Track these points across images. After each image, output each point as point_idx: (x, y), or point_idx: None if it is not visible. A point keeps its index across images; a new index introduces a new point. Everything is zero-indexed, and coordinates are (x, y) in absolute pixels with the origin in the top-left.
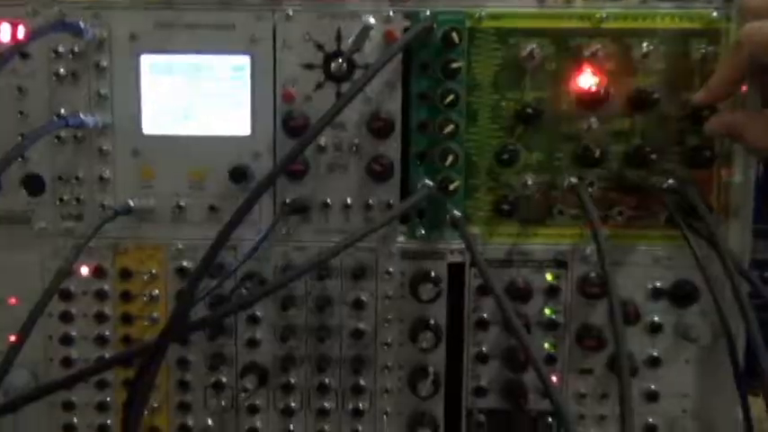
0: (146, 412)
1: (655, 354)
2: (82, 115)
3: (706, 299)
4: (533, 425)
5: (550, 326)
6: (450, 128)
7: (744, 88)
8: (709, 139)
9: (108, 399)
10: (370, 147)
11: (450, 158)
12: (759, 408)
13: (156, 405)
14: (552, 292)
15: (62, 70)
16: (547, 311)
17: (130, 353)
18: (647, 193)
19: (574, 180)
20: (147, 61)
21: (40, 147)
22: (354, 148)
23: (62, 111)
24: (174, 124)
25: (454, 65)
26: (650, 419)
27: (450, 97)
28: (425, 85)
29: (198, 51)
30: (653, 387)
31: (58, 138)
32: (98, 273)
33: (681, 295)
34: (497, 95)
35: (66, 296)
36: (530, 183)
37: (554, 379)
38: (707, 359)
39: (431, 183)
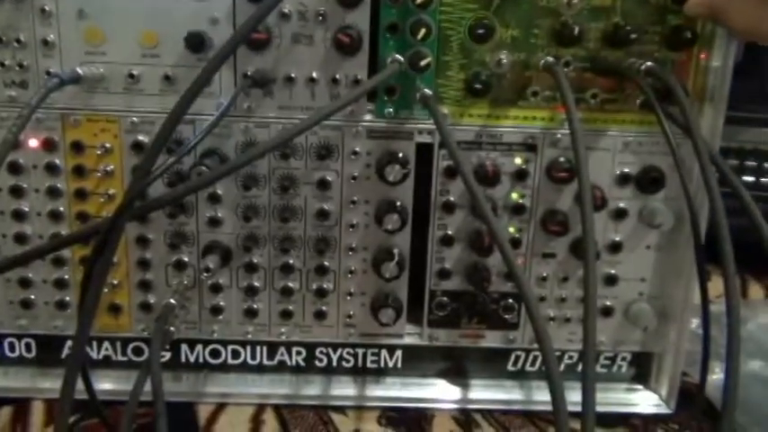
0: (105, 290)
1: (617, 239)
2: None
3: (671, 186)
4: (495, 306)
5: (516, 210)
6: None
7: None
8: (691, 18)
9: (66, 276)
10: (338, 16)
11: (422, 32)
12: (714, 290)
13: (116, 282)
14: (520, 175)
15: None
16: (514, 195)
17: (86, 231)
18: (624, 75)
19: (550, 59)
20: None
21: None
22: (320, 18)
23: None
24: None
25: None
26: (607, 302)
27: None
28: None
29: None
30: (612, 271)
31: None
32: (48, 146)
33: (648, 181)
34: None
35: (16, 170)
36: (504, 61)
37: (519, 262)
38: (666, 245)
39: (401, 58)
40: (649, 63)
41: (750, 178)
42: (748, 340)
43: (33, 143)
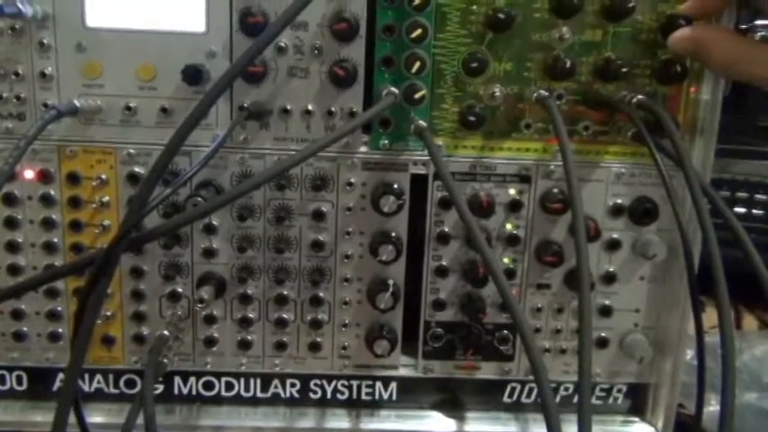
0: (99, 321)
1: (611, 270)
2: (19, 3)
3: (664, 217)
4: (490, 337)
5: (511, 241)
6: (417, 32)
7: None
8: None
9: (59, 308)
10: (334, 50)
11: (416, 65)
12: (708, 321)
13: (109, 314)
14: (514, 206)
15: None
16: (508, 226)
17: (81, 262)
18: (615, 108)
19: (543, 92)
20: None
21: None
22: (316, 51)
23: None
24: (120, 17)
25: None
26: (602, 334)
27: None
28: None
29: None
30: (607, 302)
31: None
32: (43, 177)
33: (641, 212)
34: None
35: (11, 201)
36: (497, 94)
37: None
38: (660, 276)
39: (396, 90)
40: (640, 96)
41: (741, 210)
42: (743, 371)
43: (29, 174)
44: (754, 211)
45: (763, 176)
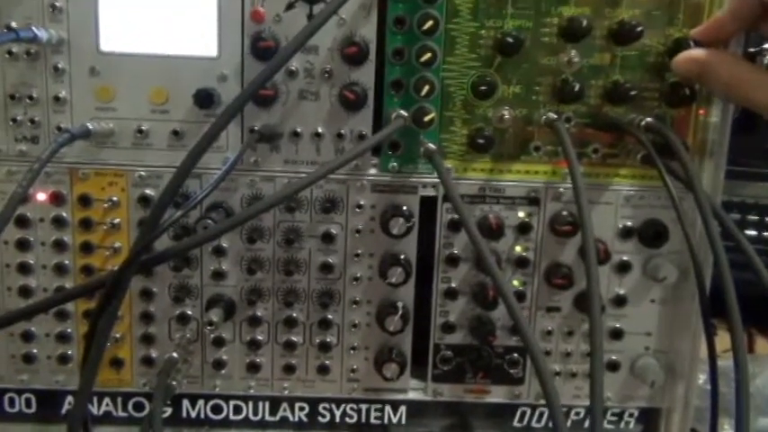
0: (108, 344)
1: (621, 293)
2: (34, 28)
3: (674, 239)
4: (500, 360)
5: (520, 263)
6: (427, 56)
7: None
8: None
9: (69, 330)
10: (344, 74)
11: (426, 88)
12: (721, 345)
13: (118, 336)
14: (524, 229)
15: None
16: (518, 249)
17: (92, 284)
18: (624, 131)
19: (552, 115)
20: None
21: None
22: (326, 75)
23: (12, 23)
24: (134, 42)
25: None
26: (613, 357)
27: (429, 23)
28: (402, 9)
29: None
30: (618, 325)
31: (10, 53)
32: (55, 199)
33: (651, 235)
34: (477, 23)
35: (23, 223)
36: (506, 116)
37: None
38: (671, 299)
39: (405, 113)
40: (649, 119)
41: (753, 232)
42: (757, 396)
43: (41, 197)
44: (765, 233)
45: None
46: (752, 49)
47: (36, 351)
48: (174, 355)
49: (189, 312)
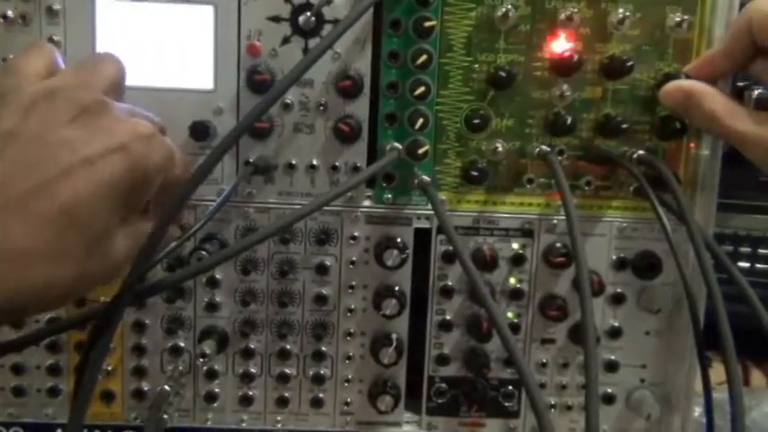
0: (99, 376)
1: (616, 324)
2: None
3: (668, 271)
4: (495, 393)
5: (515, 295)
6: (421, 90)
7: None
8: None
9: (60, 362)
10: (338, 106)
11: (420, 121)
12: (716, 377)
13: (110, 368)
14: (518, 260)
15: (10, 13)
16: (512, 280)
17: (84, 316)
18: (617, 163)
19: (545, 148)
20: (104, 6)
21: None
22: (321, 108)
23: (11, 56)
24: (130, 75)
25: (427, 23)
26: (609, 389)
27: (423, 58)
28: (397, 43)
29: None
30: (612, 357)
31: None
32: None
33: (644, 266)
34: (470, 57)
35: None
36: (499, 149)
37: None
38: (665, 330)
39: (399, 146)
40: (641, 152)
41: (745, 264)
42: (753, 429)
43: None
44: (758, 265)
45: (765, 231)
46: (740, 84)
47: (26, 384)
48: (166, 387)
49: (181, 344)
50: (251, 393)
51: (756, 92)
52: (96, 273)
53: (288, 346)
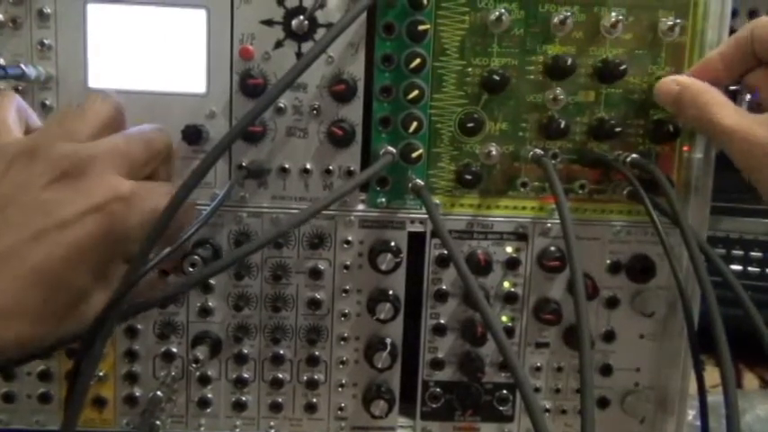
0: (91, 382)
1: (610, 328)
2: (23, 65)
3: (662, 274)
4: (490, 397)
5: (509, 299)
6: (414, 93)
7: None
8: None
9: (51, 368)
10: (332, 110)
11: (413, 125)
12: (709, 380)
13: (101, 374)
14: (512, 264)
15: (1, 17)
16: (506, 284)
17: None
18: (610, 166)
19: (539, 151)
20: (95, 10)
21: None
22: (315, 112)
23: (0, 60)
24: (122, 79)
25: (421, 27)
26: (603, 393)
27: (416, 62)
28: (390, 47)
29: (151, 2)
30: (607, 361)
31: None
32: None
33: (638, 270)
34: (464, 61)
35: None
36: (493, 153)
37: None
38: (660, 334)
39: (393, 150)
40: (635, 155)
41: (738, 267)
42: None
43: None
44: (750, 268)
45: (757, 234)
46: (733, 87)
47: (16, 390)
48: (159, 393)
49: (174, 350)
50: (244, 399)
51: (748, 96)
52: (73, 329)
53: (281, 351)
